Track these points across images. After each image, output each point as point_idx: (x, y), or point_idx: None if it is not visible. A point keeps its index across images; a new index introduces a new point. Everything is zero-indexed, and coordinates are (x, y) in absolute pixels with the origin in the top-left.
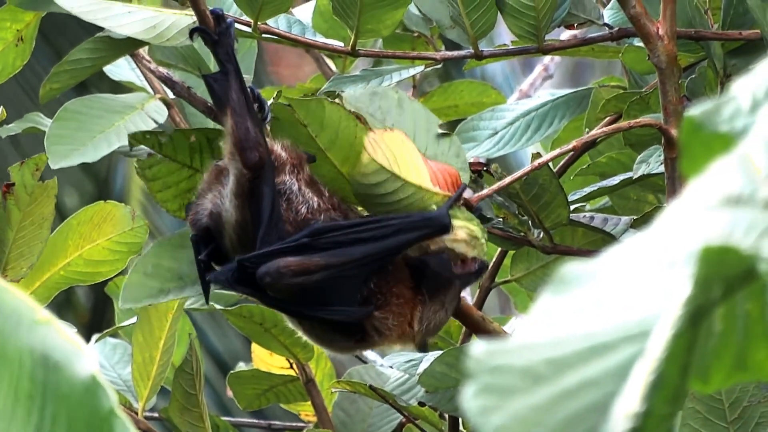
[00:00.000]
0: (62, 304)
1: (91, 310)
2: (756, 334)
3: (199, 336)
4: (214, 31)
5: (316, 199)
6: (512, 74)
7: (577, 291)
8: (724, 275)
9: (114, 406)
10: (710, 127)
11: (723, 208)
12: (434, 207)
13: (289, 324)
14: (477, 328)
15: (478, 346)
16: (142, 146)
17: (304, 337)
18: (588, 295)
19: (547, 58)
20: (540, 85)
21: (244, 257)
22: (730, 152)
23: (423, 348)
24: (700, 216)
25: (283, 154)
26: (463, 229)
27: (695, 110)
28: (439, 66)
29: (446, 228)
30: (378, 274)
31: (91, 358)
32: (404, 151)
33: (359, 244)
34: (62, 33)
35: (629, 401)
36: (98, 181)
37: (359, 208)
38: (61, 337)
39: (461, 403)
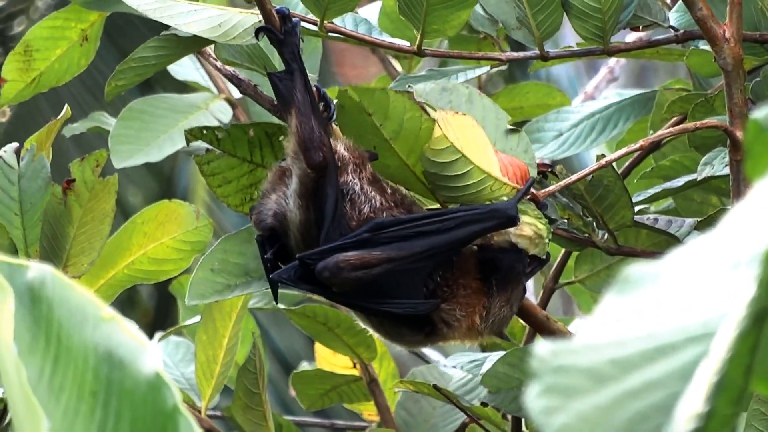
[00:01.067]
0: (125, 303)
1: (154, 309)
2: None
3: (262, 335)
4: (279, 30)
5: (378, 197)
6: (577, 77)
7: (641, 292)
8: None
9: (178, 403)
10: None
11: None
12: (504, 199)
13: (359, 321)
14: (541, 327)
15: (542, 346)
16: (202, 142)
17: (374, 335)
18: (652, 296)
19: (612, 61)
20: (605, 88)
21: (305, 254)
22: None
23: (500, 335)
24: (764, 218)
25: (346, 153)
26: (531, 226)
27: (760, 113)
28: (504, 67)
29: (514, 220)
30: (443, 266)
31: (155, 356)
32: (475, 135)
33: (422, 237)
34: (126, 34)
35: (693, 402)
36: (162, 180)
37: (425, 206)
38: (126, 334)
39: (525, 402)
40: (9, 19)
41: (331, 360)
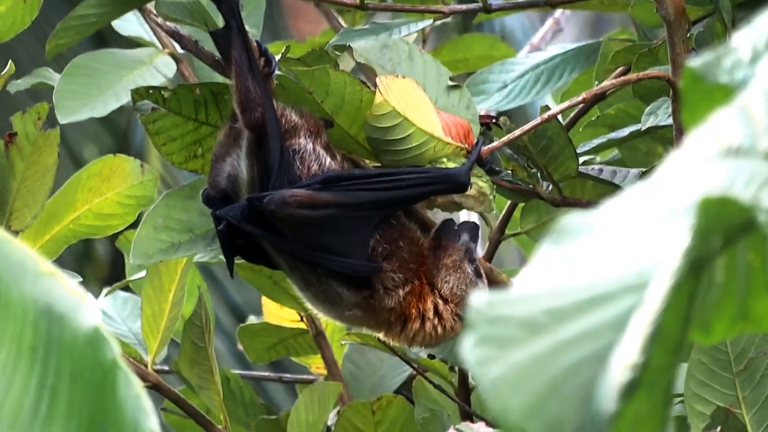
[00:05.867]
0: (81, 258)
1: (110, 264)
2: (757, 285)
3: (218, 288)
4: None
5: (329, 159)
6: (532, 29)
7: (576, 241)
8: (723, 226)
9: (117, 357)
10: (710, 78)
11: (723, 159)
12: (445, 160)
13: (296, 290)
14: (487, 279)
15: (477, 297)
16: (146, 101)
17: (309, 307)
18: (587, 246)
19: (558, 12)
20: (551, 39)
21: (254, 195)
22: (730, 103)
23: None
24: (699, 167)
25: (296, 118)
26: (474, 185)
27: (696, 61)
28: (449, 20)
29: (464, 187)
30: (388, 228)
31: (94, 310)
32: (416, 97)
33: (372, 192)
34: None
35: (628, 352)
36: (118, 135)
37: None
38: (65, 288)
39: (461, 353)
40: None
41: (278, 313)
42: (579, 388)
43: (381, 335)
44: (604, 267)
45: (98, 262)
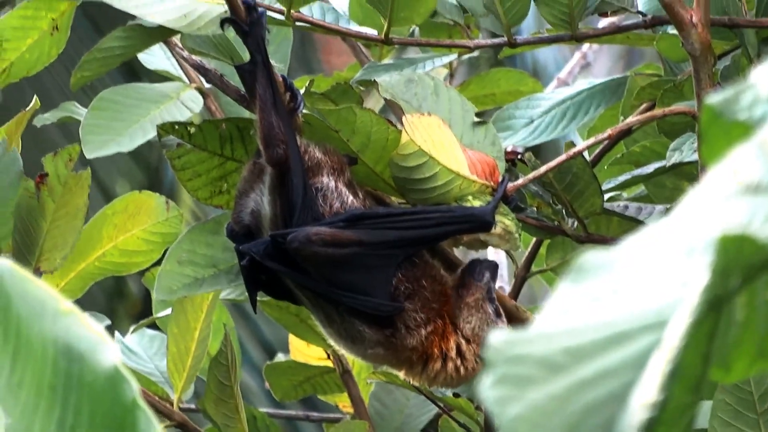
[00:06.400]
0: (114, 295)
1: (142, 300)
2: None
3: (248, 326)
4: (245, 21)
5: (351, 197)
6: (564, 62)
7: (595, 279)
8: (742, 264)
9: (137, 397)
10: (729, 115)
11: (741, 196)
12: (470, 198)
13: (318, 326)
14: (511, 317)
15: (496, 336)
16: (172, 136)
17: (333, 343)
18: (606, 284)
19: (585, 46)
20: (579, 74)
21: (278, 232)
22: (749, 140)
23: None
24: (718, 204)
25: (319, 155)
26: (499, 223)
27: (714, 98)
28: (476, 54)
29: (489, 226)
30: (411, 267)
31: (114, 349)
32: (442, 136)
33: (395, 231)
34: (113, 23)
35: (647, 390)
36: (149, 171)
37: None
38: (85, 327)
39: (480, 393)
40: None
41: (304, 351)
42: (598, 427)
43: (402, 374)
44: (623, 305)
45: (130, 299)
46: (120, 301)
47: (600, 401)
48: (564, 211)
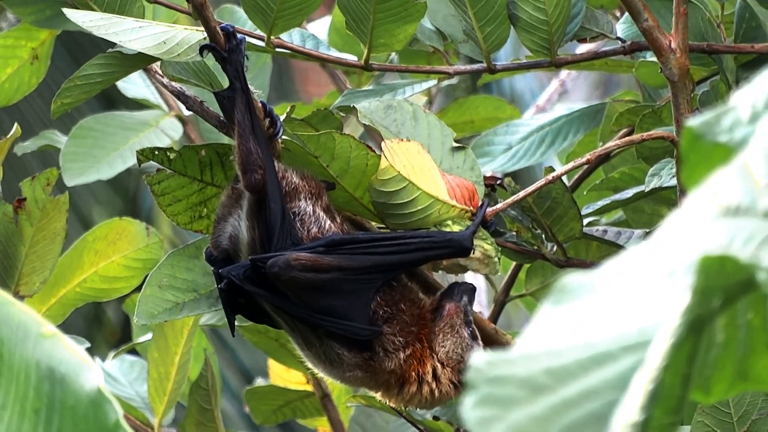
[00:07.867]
0: (92, 323)
1: (121, 328)
2: (757, 344)
3: (225, 351)
4: (224, 48)
5: (329, 222)
6: (540, 90)
7: (577, 300)
8: (723, 285)
9: (120, 418)
10: (710, 138)
11: (722, 218)
12: (450, 222)
13: (297, 349)
14: (490, 341)
15: (478, 357)
16: (152, 162)
17: (311, 366)
18: (588, 305)
19: (563, 73)
20: (557, 101)
21: (258, 256)
22: (730, 162)
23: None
24: (699, 226)
25: (297, 180)
26: (479, 248)
27: (695, 121)
28: (454, 81)
29: (468, 251)
30: (390, 291)
31: (97, 372)
32: (421, 161)
33: (375, 256)
34: (89, 53)
35: (629, 411)
36: (127, 198)
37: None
38: (67, 350)
39: (461, 413)
40: None
41: (284, 376)
42: None
43: (378, 395)
44: (604, 326)
45: (109, 327)
46: (98, 328)
47: (582, 421)
48: (543, 235)
